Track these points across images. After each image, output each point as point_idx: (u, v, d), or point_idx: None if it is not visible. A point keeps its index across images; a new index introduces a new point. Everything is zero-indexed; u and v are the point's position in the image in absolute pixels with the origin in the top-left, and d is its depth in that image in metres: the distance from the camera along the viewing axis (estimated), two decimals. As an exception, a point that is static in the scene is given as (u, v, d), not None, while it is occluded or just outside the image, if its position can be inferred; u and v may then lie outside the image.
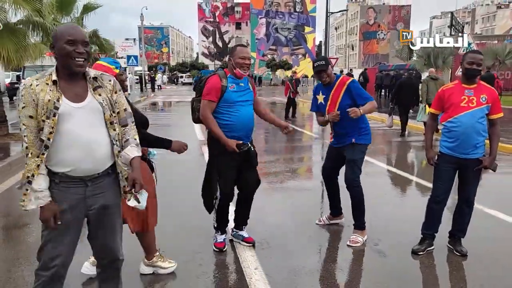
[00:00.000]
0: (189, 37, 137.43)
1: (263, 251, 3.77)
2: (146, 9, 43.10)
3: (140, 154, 2.25)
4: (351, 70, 36.84)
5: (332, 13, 33.28)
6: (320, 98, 4.11)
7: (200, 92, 3.59)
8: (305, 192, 5.93)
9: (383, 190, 6.01)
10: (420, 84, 11.10)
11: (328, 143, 4.50)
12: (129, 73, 30.62)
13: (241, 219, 3.94)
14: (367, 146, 4.11)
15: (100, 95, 2.15)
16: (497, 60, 24.77)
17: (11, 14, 10.02)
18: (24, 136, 2.03)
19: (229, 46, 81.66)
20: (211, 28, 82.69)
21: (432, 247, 3.79)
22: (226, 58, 4.65)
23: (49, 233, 2.15)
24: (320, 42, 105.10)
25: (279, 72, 62.43)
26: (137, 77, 36.95)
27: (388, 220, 4.65)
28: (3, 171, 6.70)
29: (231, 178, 3.65)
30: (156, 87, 39.50)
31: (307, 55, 72.74)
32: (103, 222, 2.24)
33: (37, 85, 2.04)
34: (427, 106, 9.91)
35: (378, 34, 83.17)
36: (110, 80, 2.24)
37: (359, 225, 4.06)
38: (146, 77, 38.14)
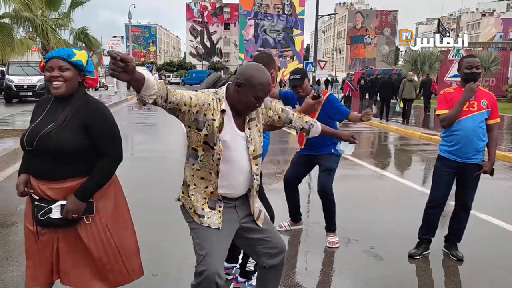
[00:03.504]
0: (177, 36, 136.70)
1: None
2: (134, 7, 42.66)
3: (319, 127, 2.59)
4: (334, 77, 36.65)
5: (321, 16, 33.42)
6: (297, 109, 3.93)
7: None
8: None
9: (377, 194, 6.02)
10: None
11: None
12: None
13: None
14: (340, 157, 4.07)
15: (249, 128, 2.19)
16: (482, 67, 25.19)
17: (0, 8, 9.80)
18: (173, 89, 1.95)
19: (217, 46, 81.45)
20: (199, 28, 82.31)
21: (428, 251, 3.80)
22: (215, 59, 4.40)
23: (209, 244, 2.13)
24: (308, 45, 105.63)
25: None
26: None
27: (383, 224, 4.65)
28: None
29: None
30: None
31: (295, 57, 72.93)
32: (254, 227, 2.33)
33: (212, 99, 2.07)
34: (401, 101, 14.76)
35: (365, 39, 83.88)
36: (261, 103, 2.25)
37: (332, 228, 4.08)
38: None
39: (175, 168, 7.24)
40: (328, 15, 43.92)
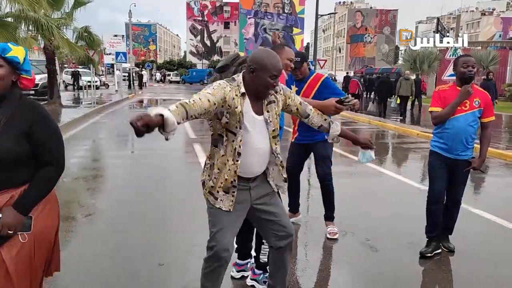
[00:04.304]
0: (177, 35, 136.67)
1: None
2: (135, 6, 42.80)
3: (339, 126, 2.55)
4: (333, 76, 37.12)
5: (321, 15, 33.54)
6: (293, 90, 4.07)
7: None
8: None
9: (375, 191, 6.17)
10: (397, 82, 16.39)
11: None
12: (117, 70, 30.38)
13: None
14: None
15: (268, 111, 2.36)
16: (480, 66, 25.32)
17: (5, 8, 9.97)
18: (192, 101, 2.01)
19: (217, 45, 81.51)
20: (199, 27, 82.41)
21: (439, 250, 3.84)
22: (215, 57, 4.46)
23: (220, 223, 2.35)
24: (308, 43, 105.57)
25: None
26: (126, 74, 36.58)
27: (380, 220, 4.79)
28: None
29: None
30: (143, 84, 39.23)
31: (294, 56, 72.91)
32: (274, 203, 2.52)
33: (230, 90, 2.20)
34: (398, 97, 15.97)
35: (365, 38, 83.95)
36: (280, 89, 2.43)
37: (331, 216, 4.26)
38: (133, 74, 37.82)
39: (176, 165, 7.38)
40: (328, 14, 44.14)
